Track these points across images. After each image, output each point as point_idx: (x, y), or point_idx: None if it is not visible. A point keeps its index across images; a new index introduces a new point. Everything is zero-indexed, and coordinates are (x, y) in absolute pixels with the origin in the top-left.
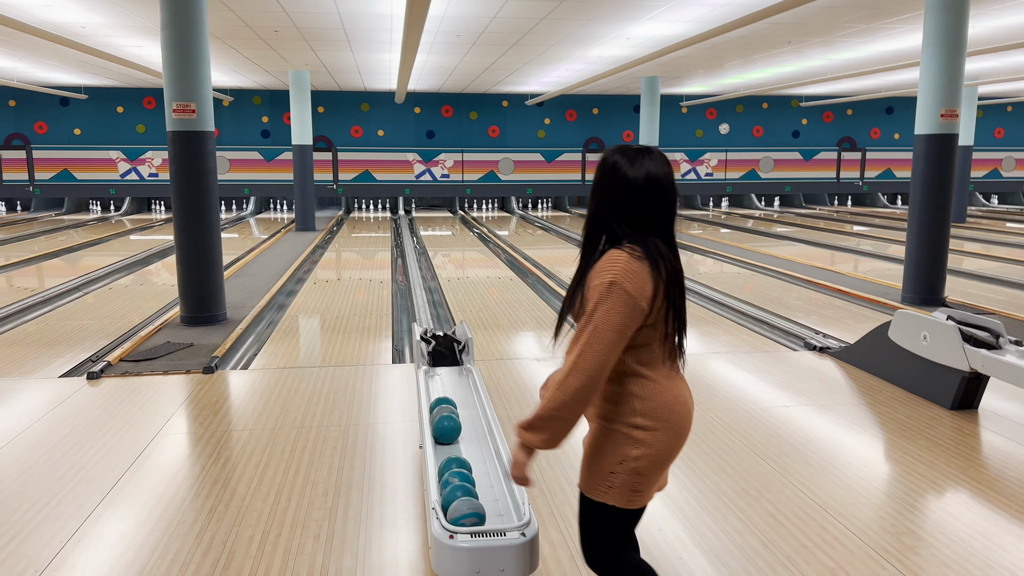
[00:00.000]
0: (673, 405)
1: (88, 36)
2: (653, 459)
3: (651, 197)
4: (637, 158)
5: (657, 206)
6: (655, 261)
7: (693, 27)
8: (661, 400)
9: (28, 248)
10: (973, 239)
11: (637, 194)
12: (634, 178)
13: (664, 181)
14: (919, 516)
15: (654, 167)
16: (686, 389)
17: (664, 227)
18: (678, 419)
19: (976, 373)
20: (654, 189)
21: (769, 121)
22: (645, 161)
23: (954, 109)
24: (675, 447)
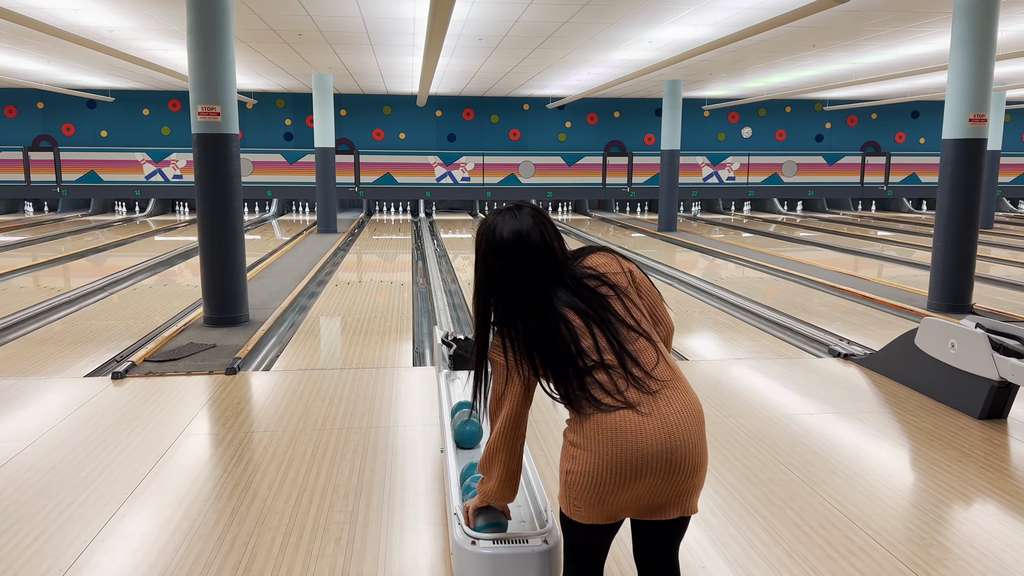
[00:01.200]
0: (603, 431)
1: (115, 39)
2: (581, 477)
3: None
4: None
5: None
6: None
7: (716, 31)
8: (589, 423)
9: (55, 248)
10: (1001, 245)
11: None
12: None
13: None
14: (947, 528)
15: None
16: (642, 411)
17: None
18: (609, 447)
19: (1006, 382)
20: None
21: (792, 125)
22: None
23: (983, 113)
24: (607, 475)
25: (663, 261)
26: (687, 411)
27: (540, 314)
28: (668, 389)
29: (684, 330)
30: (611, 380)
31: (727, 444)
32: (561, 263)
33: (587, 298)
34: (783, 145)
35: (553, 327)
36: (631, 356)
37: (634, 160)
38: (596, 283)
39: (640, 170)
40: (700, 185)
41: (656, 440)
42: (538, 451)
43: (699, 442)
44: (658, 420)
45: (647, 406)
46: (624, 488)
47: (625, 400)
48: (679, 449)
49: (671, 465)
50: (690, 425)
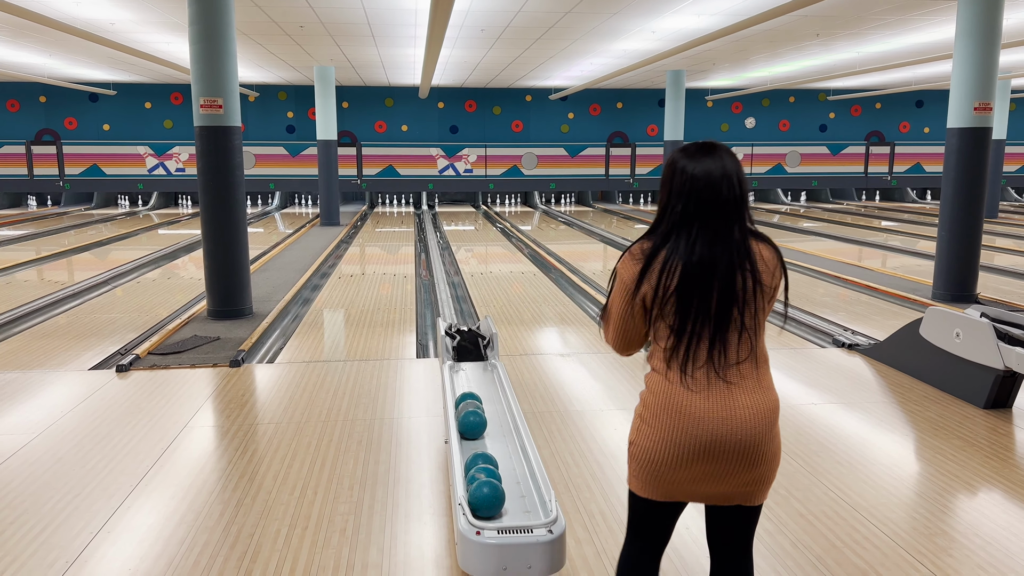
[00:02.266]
0: (665, 408)
1: (117, 32)
2: (643, 451)
3: (687, 194)
4: (686, 159)
5: (695, 202)
6: (654, 253)
7: (719, 20)
8: (654, 399)
9: (58, 242)
10: (1005, 235)
11: (674, 193)
12: (676, 181)
13: (700, 180)
14: (952, 517)
15: (698, 166)
16: (711, 399)
17: (709, 223)
18: (669, 425)
19: (1011, 371)
20: (694, 187)
21: (796, 115)
22: (697, 161)
23: (988, 102)
24: (667, 453)
25: None
26: (758, 409)
27: (717, 244)
28: (745, 387)
29: None
30: (697, 351)
31: None
32: (746, 210)
33: (740, 266)
34: (787, 135)
35: (715, 260)
36: (725, 342)
37: (637, 151)
38: (752, 266)
39: (643, 161)
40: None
41: (718, 429)
42: (542, 442)
43: (763, 440)
44: (725, 411)
45: (719, 395)
46: (680, 468)
47: (694, 374)
48: (740, 443)
49: (729, 456)
50: (756, 423)
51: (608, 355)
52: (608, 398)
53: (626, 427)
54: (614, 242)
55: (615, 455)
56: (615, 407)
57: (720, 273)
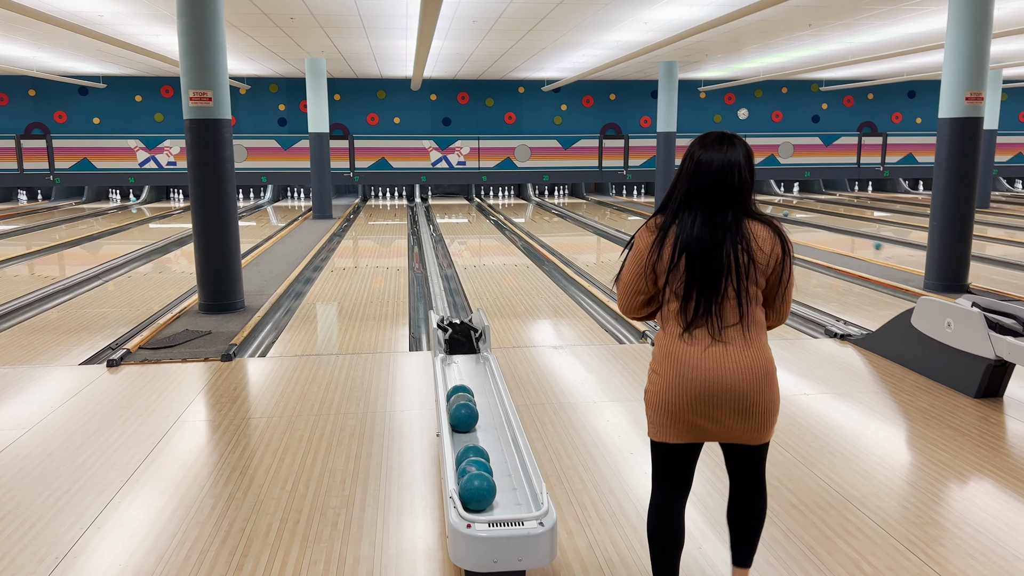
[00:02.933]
0: (669, 362)
1: (106, 25)
2: (654, 396)
3: (692, 179)
4: (698, 148)
5: (697, 186)
6: (665, 230)
7: (712, 10)
8: (661, 353)
9: (49, 237)
10: (997, 224)
11: (682, 176)
12: (686, 166)
13: (703, 167)
14: (943, 506)
15: (700, 156)
16: (702, 354)
17: (710, 203)
18: (675, 375)
19: (1002, 361)
20: (698, 173)
21: (788, 106)
22: (706, 150)
23: (979, 92)
24: (678, 400)
25: None
26: (746, 365)
27: (711, 224)
28: (736, 346)
29: None
30: (695, 313)
31: None
32: (743, 196)
33: (733, 244)
34: (779, 126)
35: (709, 239)
36: (719, 307)
37: (630, 143)
38: (745, 243)
39: (636, 153)
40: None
41: (711, 380)
42: (534, 435)
43: (752, 391)
44: (717, 365)
45: (712, 351)
46: (684, 412)
47: (693, 333)
48: (730, 392)
49: (722, 403)
50: (744, 376)
51: (601, 347)
52: (601, 390)
53: (619, 419)
54: (607, 234)
55: (607, 447)
56: (608, 399)
57: (714, 249)
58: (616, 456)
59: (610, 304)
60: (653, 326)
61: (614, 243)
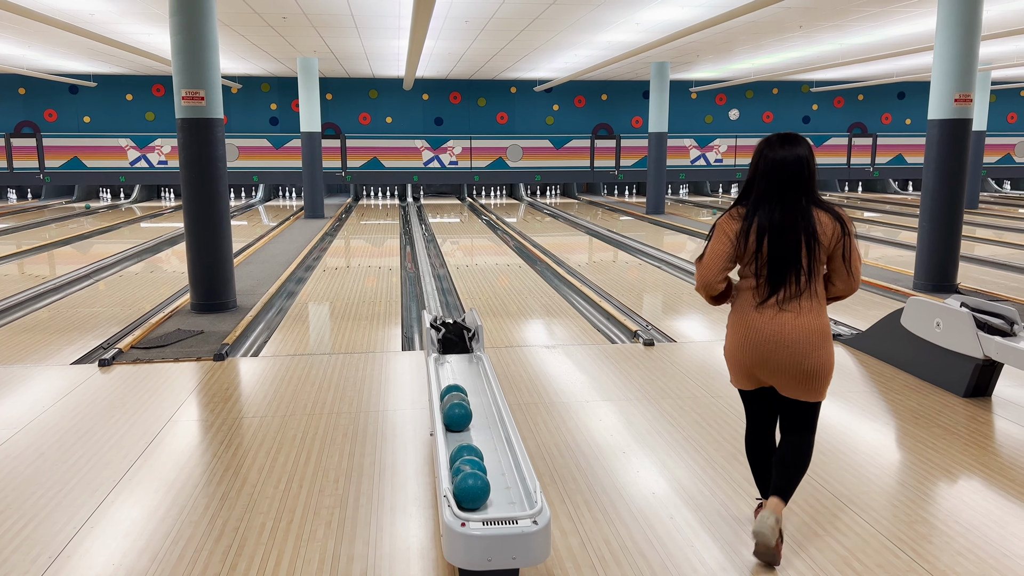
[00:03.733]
0: (741, 325)
1: (97, 23)
2: (729, 354)
3: (768, 174)
4: (768, 147)
5: (774, 180)
6: (750, 218)
7: (703, 11)
8: (736, 318)
9: (39, 236)
10: (985, 225)
11: (759, 172)
12: (761, 163)
13: (777, 164)
14: (932, 504)
15: (772, 154)
16: (769, 322)
17: (784, 195)
18: (742, 335)
19: (990, 360)
20: (772, 169)
21: (779, 107)
22: (777, 149)
23: (968, 94)
24: (745, 356)
25: (651, 244)
26: (801, 329)
27: (787, 211)
28: (795, 313)
29: (672, 312)
30: (770, 287)
31: (715, 423)
32: (811, 185)
33: (804, 228)
34: (770, 127)
35: (784, 231)
36: (789, 281)
37: (622, 143)
38: (812, 228)
39: (628, 153)
40: (688, 167)
41: (771, 340)
42: (527, 434)
43: (804, 351)
44: (774, 328)
45: (779, 318)
46: (751, 366)
47: (760, 307)
48: (786, 350)
49: (780, 359)
50: (797, 337)
51: (593, 347)
52: (593, 389)
53: (611, 418)
54: (599, 234)
55: (600, 446)
56: (600, 398)
57: (790, 233)
58: (609, 455)
59: (602, 304)
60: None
61: (606, 243)
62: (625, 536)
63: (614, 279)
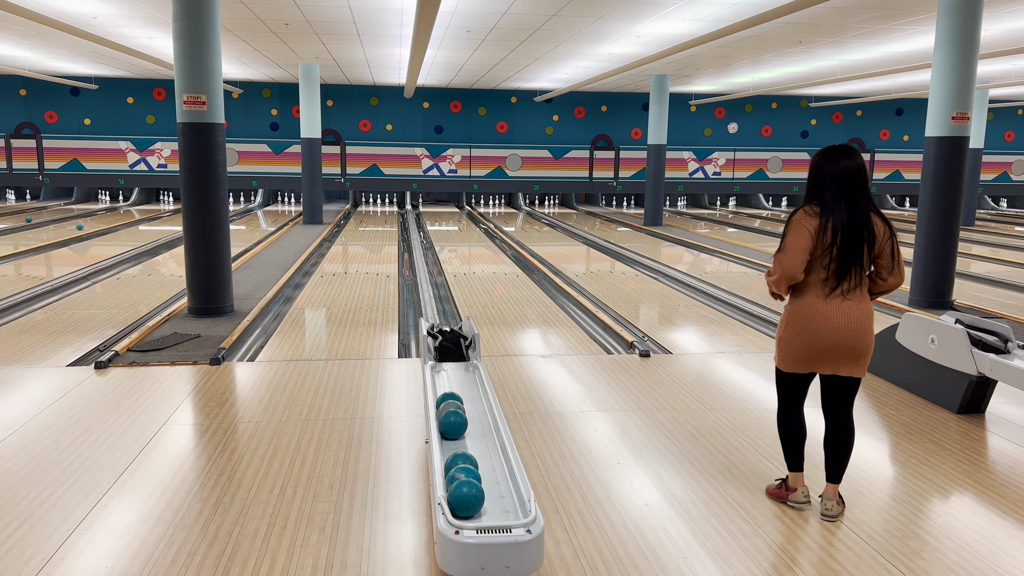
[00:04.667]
0: (810, 314)
1: (99, 27)
2: (792, 342)
3: (836, 181)
4: (832, 157)
5: (842, 186)
6: (825, 216)
7: (703, 26)
8: (806, 308)
9: (37, 237)
10: (982, 242)
11: (827, 179)
12: (827, 170)
13: (843, 172)
14: (924, 520)
15: (837, 163)
16: (836, 309)
17: (851, 198)
18: (807, 323)
19: (984, 377)
20: (840, 176)
21: (778, 121)
22: (840, 159)
23: (965, 111)
24: (807, 341)
25: (649, 255)
26: (860, 314)
27: (854, 213)
28: (855, 301)
29: (669, 324)
30: (834, 280)
31: (710, 437)
32: (869, 190)
33: (865, 228)
34: (769, 141)
35: (853, 230)
36: (849, 274)
37: (621, 154)
38: (870, 228)
39: (627, 164)
40: (686, 180)
41: (841, 326)
42: (522, 443)
43: (863, 335)
44: (841, 315)
45: (843, 306)
46: (818, 349)
47: (828, 298)
48: (850, 333)
49: (842, 340)
50: (857, 324)
51: (589, 357)
52: (589, 399)
53: (606, 429)
54: (597, 245)
55: (595, 457)
56: (595, 408)
57: (857, 231)
58: (603, 466)
59: (598, 314)
60: (643, 339)
61: (603, 254)
62: (618, 547)
63: (611, 290)
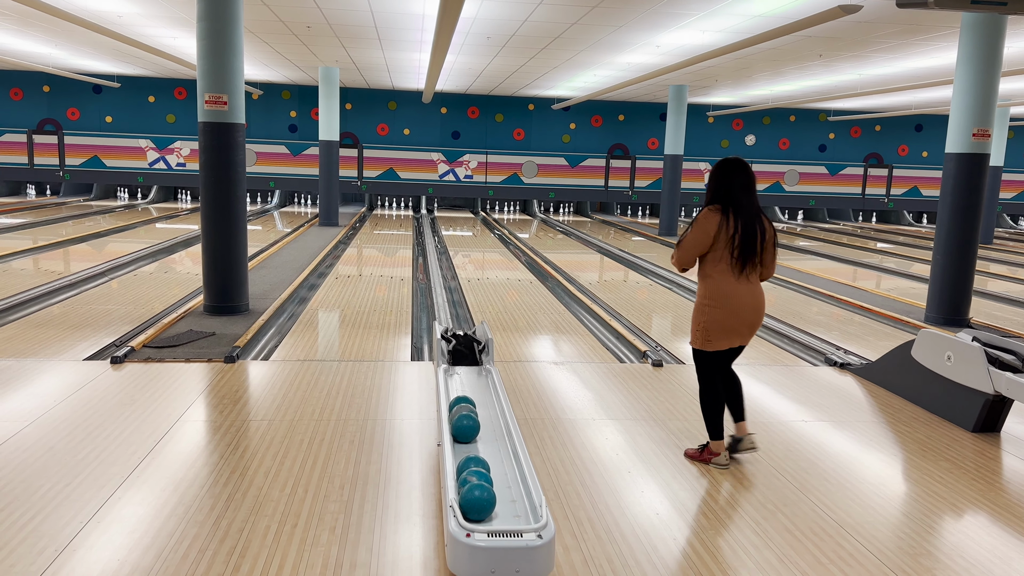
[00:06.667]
0: (725, 295)
1: (124, 25)
2: (715, 320)
3: (739, 187)
4: (736, 168)
5: (743, 191)
6: (727, 214)
7: (723, 37)
8: (719, 290)
9: (56, 232)
10: (1000, 261)
11: (732, 185)
12: (733, 178)
13: (744, 180)
14: (937, 538)
15: (740, 173)
16: (744, 289)
17: (748, 200)
18: (727, 301)
19: (1000, 396)
20: (742, 183)
21: (796, 134)
22: (742, 170)
23: (987, 129)
24: (730, 317)
25: (662, 265)
26: (760, 294)
27: (748, 216)
28: (754, 283)
29: (682, 334)
30: (738, 268)
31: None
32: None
33: (761, 229)
34: (786, 154)
35: (749, 225)
36: (750, 261)
37: (637, 164)
38: (761, 230)
39: (643, 174)
40: (702, 191)
41: (745, 303)
42: (533, 449)
43: (761, 312)
44: (748, 293)
45: (747, 288)
46: (735, 325)
47: (738, 280)
48: (754, 312)
49: (750, 320)
50: (759, 301)
51: (601, 365)
52: (599, 407)
53: (617, 437)
54: (612, 253)
55: (605, 465)
56: (607, 417)
57: (754, 227)
58: (614, 474)
59: (611, 322)
60: (655, 348)
61: (617, 262)
62: (627, 555)
63: (624, 298)
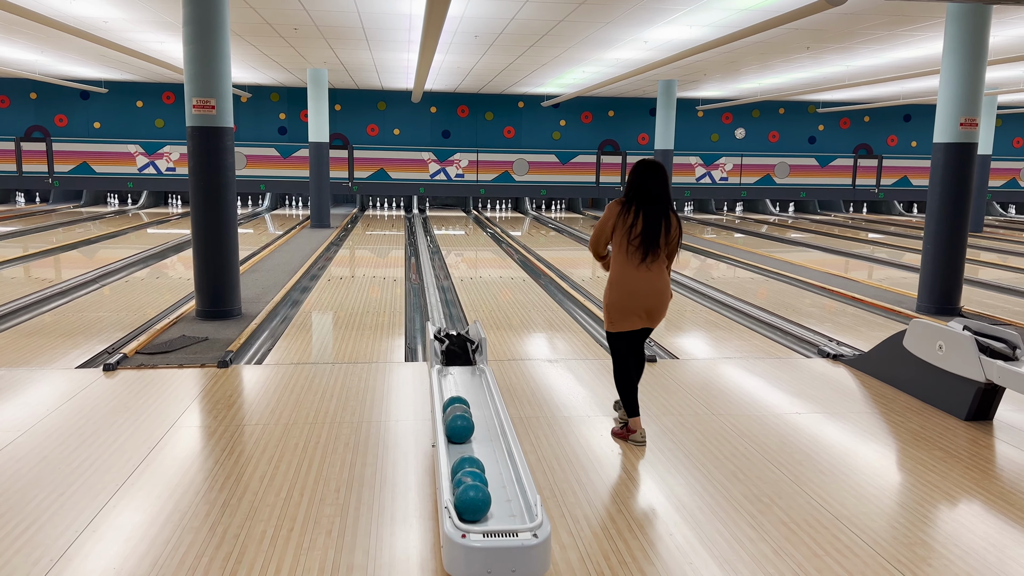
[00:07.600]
0: (623, 280)
1: (110, 31)
2: (615, 303)
3: (648, 185)
4: (650, 168)
5: (651, 188)
6: (629, 207)
7: (711, 31)
8: (618, 276)
9: (46, 239)
10: (990, 249)
11: (645, 184)
12: (645, 178)
13: (656, 180)
14: (932, 527)
15: (651, 173)
16: (643, 275)
17: (658, 194)
18: (625, 288)
19: (992, 384)
20: (652, 183)
21: (785, 126)
22: (654, 170)
23: (974, 118)
24: (627, 299)
25: None
26: (661, 282)
27: (654, 211)
28: (655, 272)
29: (675, 329)
30: (638, 256)
31: (716, 442)
32: (667, 194)
33: (665, 223)
34: (776, 146)
35: (654, 218)
36: (651, 251)
37: (628, 159)
38: (667, 224)
39: None
40: (693, 185)
41: (643, 289)
42: (529, 448)
43: (661, 297)
44: (645, 279)
45: (645, 274)
46: (631, 311)
47: (638, 267)
48: (651, 297)
49: (650, 304)
50: (657, 289)
51: (595, 361)
52: (595, 404)
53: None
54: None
55: (601, 461)
56: (602, 413)
57: (657, 220)
58: (609, 471)
59: None
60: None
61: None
62: (624, 551)
63: None
